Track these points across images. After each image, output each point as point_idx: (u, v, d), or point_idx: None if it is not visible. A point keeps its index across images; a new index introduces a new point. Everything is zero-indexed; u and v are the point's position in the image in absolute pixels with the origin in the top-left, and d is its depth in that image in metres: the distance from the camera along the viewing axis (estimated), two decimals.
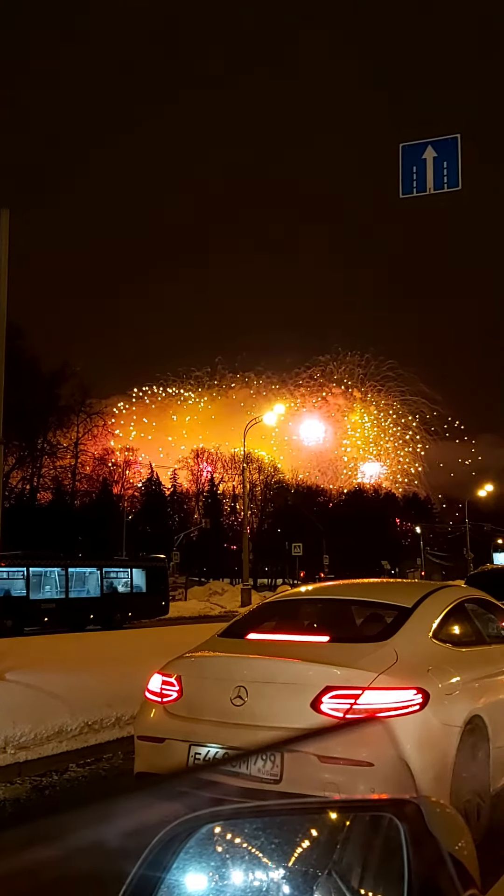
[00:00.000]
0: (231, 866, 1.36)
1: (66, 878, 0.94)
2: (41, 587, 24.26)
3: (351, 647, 4.74)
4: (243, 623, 5.56)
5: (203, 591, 47.17)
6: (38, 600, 23.47)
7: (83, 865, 0.96)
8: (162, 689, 4.78)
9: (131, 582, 27.42)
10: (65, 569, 25.06)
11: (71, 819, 0.92)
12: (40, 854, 0.86)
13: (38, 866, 0.84)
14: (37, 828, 0.86)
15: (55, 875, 0.91)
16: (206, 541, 74.34)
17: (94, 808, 0.96)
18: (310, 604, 6.11)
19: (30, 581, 23.27)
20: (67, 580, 24.78)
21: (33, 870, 0.84)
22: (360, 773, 3.77)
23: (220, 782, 4.09)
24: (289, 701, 4.27)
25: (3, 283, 10.40)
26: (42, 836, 0.87)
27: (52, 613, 23.31)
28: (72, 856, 0.91)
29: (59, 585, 24.68)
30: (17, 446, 53.21)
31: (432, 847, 1.09)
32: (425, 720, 4.15)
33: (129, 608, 26.38)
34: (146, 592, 27.77)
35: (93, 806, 0.96)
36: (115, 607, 25.58)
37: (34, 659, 10.68)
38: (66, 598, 24.43)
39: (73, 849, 0.92)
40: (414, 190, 10.21)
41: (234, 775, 4.03)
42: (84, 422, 63.31)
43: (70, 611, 23.98)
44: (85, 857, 0.94)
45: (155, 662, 5.21)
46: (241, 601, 35.85)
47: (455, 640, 5.15)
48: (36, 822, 0.88)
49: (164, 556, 33.59)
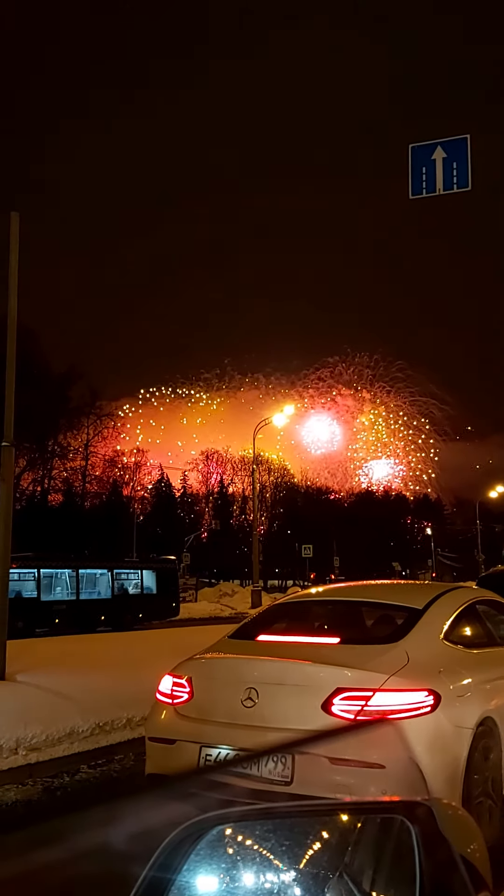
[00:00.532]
0: (241, 868, 1.36)
1: (77, 879, 0.94)
2: (52, 589, 24.32)
3: (362, 649, 4.73)
4: (254, 624, 5.55)
5: (213, 592, 47.20)
6: (50, 602, 23.52)
7: (94, 867, 0.96)
8: (173, 691, 4.79)
9: (142, 583, 27.44)
10: (75, 570, 25.12)
11: (81, 820, 0.92)
12: (51, 855, 0.86)
13: (48, 868, 0.84)
14: (47, 829, 0.86)
15: (66, 876, 0.91)
16: (216, 542, 74.36)
17: (104, 810, 0.96)
18: (320, 605, 6.10)
19: (41, 583, 23.32)
20: (78, 582, 24.82)
21: (43, 871, 0.84)
22: (371, 775, 3.76)
23: (230, 784, 4.09)
24: (299, 702, 4.26)
25: (14, 286, 10.45)
26: (53, 838, 0.87)
27: (63, 615, 23.33)
28: (82, 857, 0.91)
29: (70, 587, 24.73)
30: (28, 448, 53.38)
31: (444, 849, 1.08)
32: (437, 722, 4.13)
33: (140, 609, 26.41)
34: (157, 594, 27.80)
35: (103, 807, 0.96)
36: (126, 609, 25.61)
37: (45, 660, 10.72)
38: (76, 600, 24.47)
39: (84, 850, 0.92)
40: (424, 191, 10.19)
41: (244, 777, 4.03)
42: (94, 423, 63.51)
43: (81, 612, 24.00)
44: (96, 858, 0.94)
45: (165, 664, 5.22)
46: (252, 603, 35.86)
47: (466, 641, 5.12)
48: (47, 824, 0.88)
49: (174, 557, 33.59)
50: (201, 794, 1.21)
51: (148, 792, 1.15)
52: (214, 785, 1.33)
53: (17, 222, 10.59)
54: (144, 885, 1.21)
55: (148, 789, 1.13)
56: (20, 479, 54.07)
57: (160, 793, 1.13)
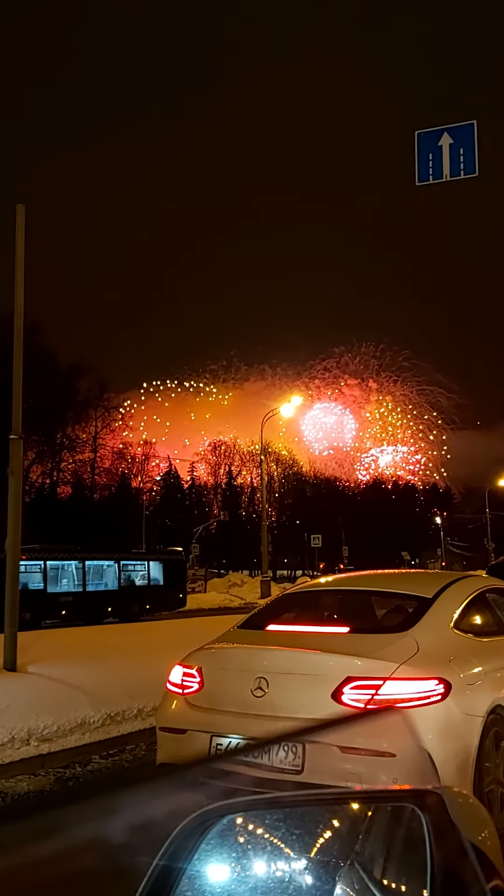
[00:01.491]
0: (252, 857, 1.36)
1: (86, 869, 0.94)
2: (59, 580, 24.33)
3: (372, 638, 4.73)
4: (263, 614, 5.56)
5: (222, 582, 47.32)
6: (56, 593, 23.53)
7: (103, 856, 0.96)
8: (183, 681, 4.80)
9: (148, 574, 27.42)
10: (82, 562, 25.09)
11: (92, 810, 0.92)
12: (59, 845, 0.86)
13: (56, 858, 0.84)
14: (55, 819, 0.86)
15: (74, 866, 0.91)
16: (224, 533, 74.51)
17: (115, 800, 0.95)
18: (329, 595, 6.10)
19: (47, 574, 23.31)
20: (85, 573, 24.83)
21: (51, 861, 0.84)
22: (382, 764, 3.76)
23: (241, 773, 4.10)
24: (310, 692, 4.27)
25: (20, 279, 10.44)
26: (62, 827, 0.87)
27: (70, 606, 23.37)
28: (92, 847, 0.90)
29: (77, 578, 24.74)
30: (37, 441, 53.57)
31: (455, 837, 1.07)
32: (447, 710, 4.13)
33: (147, 601, 26.41)
34: (163, 585, 27.77)
35: (113, 797, 0.96)
36: (133, 600, 25.60)
37: (55, 652, 10.77)
38: (83, 591, 24.50)
39: (94, 840, 0.92)
40: (430, 177, 10.12)
41: (255, 766, 4.04)
42: (102, 416, 63.65)
43: (88, 604, 24.00)
44: (105, 848, 0.94)
45: (175, 654, 5.23)
46: (261, 593, 35.93)
47: (476, 630, 5.12)
48: (54, 813, 0.87)
49: (181, 548, 33.51)
50: (212, 784, 1.20)
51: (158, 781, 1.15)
52: (225, 774, 1.33)
53: (23, 214, 10.58)
54: (155, 874, 1.21)
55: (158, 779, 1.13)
56: (29, 471, 54.24)
57: (170, 782, 1.12)
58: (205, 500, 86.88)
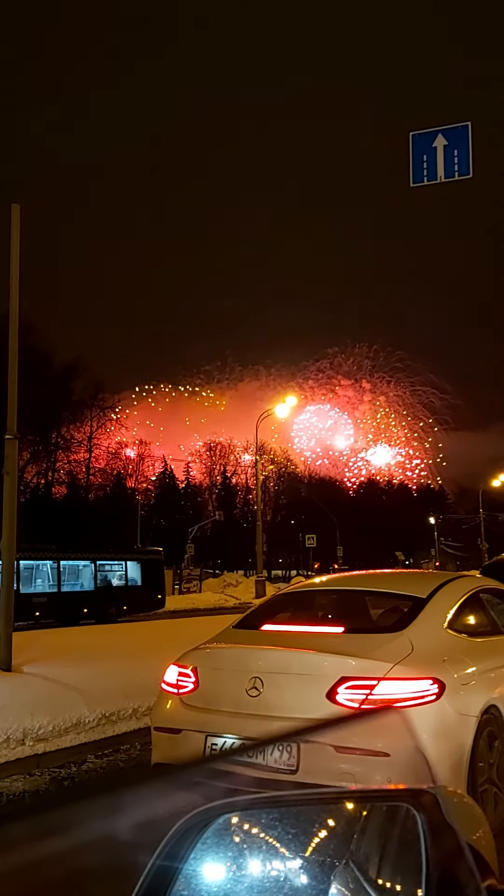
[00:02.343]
0: (248, 856, 1.36)
1: (82, 869, 0.94)
2: (32, 581, 23.58)
3: (366, 638, 4.74)
4: (258, 614, 5.57)
5: (217, 582, 47.28)
6: (29, 594, 22.56)
7: (99, 857, 0.96)
8: (178, 681, 4.80)
9: (126, 575, 26.70)
10: (57, 562, 24.32)
11: (88, 810, 0.92)
12: (56, 846, 0.86)
13: (53, 858, 0.85)
14: (52, 819, 0.86)
15: (71, 867, 0.92)
16: (220, 533, 74.45)
17: (111, 800, 0.96)
18: (324, 595, 6.10)
19: (20, 574, 22.11)
20: (60, 573, 24.08)
21: (48, 862, 0.84)
22: (376, 763, 3.77)
23: (236, 773, 4.10)
24: (304, 691, 4.27)
25: (15, 278, 10.43)
26: (58, 828, 0.88)
27: (44, 607, 22.63)
28: (88, 847, 0.91)
29: (52, 579, 24.03)
30: (32, 441, 53.44)
31: (450, 836, 1.08)
32: (441, 710, 4.14)
33: (124, 602, 25.71)
34: (142, 585, 27.07)
35: (110, 797, 0.97)
36: (110, 601, 24.95)
37: (50, 652, 10.76)
38: (58, 592, 23.75)
39: (90, 840, 0.92)
40: (425, 178, 10.14)
41: (250, 766, 4.05)
42: (97, 416, 63.52)
43: (63, 605, 23.32)
44: (101, 848, 0.94)
45: (170, 654, 5.24)
46: (256, 593, 35.94)
47: (470, 630, 5.13)
48: (51, 814, 0.88)
49: (161, 549, 32.54)
50: (207, 783, 1.21)
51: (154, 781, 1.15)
52: (220, 774, 1.33)
53: (18, 214, 10.56)
54: (151, 874, 1.22)
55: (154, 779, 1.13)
56: (24, 471, 54.09)
57: (166, 782, 1.13)
58: (200, 501, 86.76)
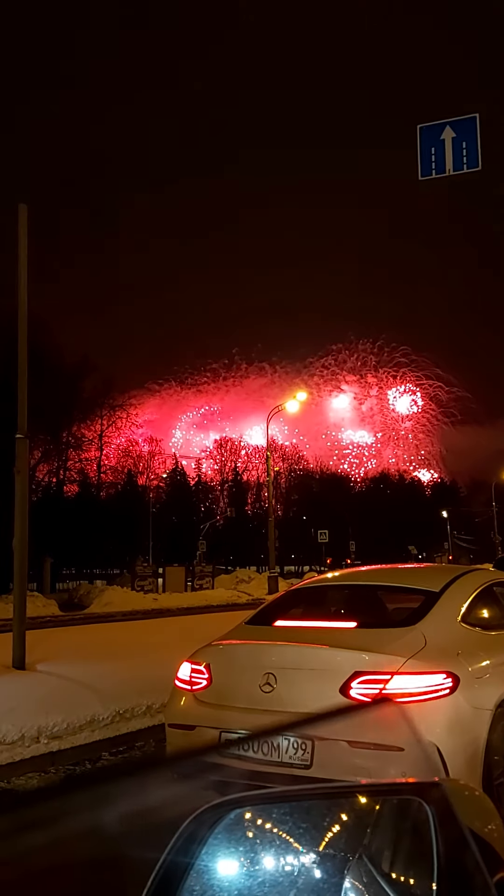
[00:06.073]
0: (260, 851, 1.36)
1: (95, 865, 0.94)
2: None
3: (379, 633, 4.73)
4: (270, 610, 5.57)
5: (230, 579, 47.28)
6: None
7: (112, 852, 0.96)
8: (191, 677, 4.81)
9: None
10: None
11: (99, 806, 0.92)
12: (69, 841, 0.86)
13: (65, 853, 0.85)
14: (63, 814, 0.86)
15: (85, 862, 0.92)
16: (231, 529, 74.54)
17: (122, 795, 0.96)
18: (336, 590, 6.10)
19: None
20: None
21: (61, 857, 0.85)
22: (390, 758, 3.76)
23: (250, 768, 4.11)
24: (318, 687, 4.27)
25: (23, 278, 10.45)
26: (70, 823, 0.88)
27: None
28: (100, 842, 0.91)
29: None
30: (43, 440, 53.48)
31: (460, 830, 1.08)
32: (456, 704, 4.13)
33: None
34: None
35: (121, 793, 0.97)
36: None
37: (63, 649, 10.81)
38: None
39: (103, 836, 0.92)
40: (433, 172, 10.08)
41: (264, 762, 4.05)
42: (108, 414, 63.62)
43: None
44: (113, 843, 0.95)
45: (183, 651, 5.24)
46: (268, 589, 35.94)
47: (484, 623, 5.11)
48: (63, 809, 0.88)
49: None
50: (219, 778, 1.21)
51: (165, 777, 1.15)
52: (232, 769, 1.33)
53: (25, 214, 10.58)
54: (163, 869, 1.22)
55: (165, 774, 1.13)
56: (35, 470, 54.14)
57: (177, 777, 1.13)
58: (211, 497, 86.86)
